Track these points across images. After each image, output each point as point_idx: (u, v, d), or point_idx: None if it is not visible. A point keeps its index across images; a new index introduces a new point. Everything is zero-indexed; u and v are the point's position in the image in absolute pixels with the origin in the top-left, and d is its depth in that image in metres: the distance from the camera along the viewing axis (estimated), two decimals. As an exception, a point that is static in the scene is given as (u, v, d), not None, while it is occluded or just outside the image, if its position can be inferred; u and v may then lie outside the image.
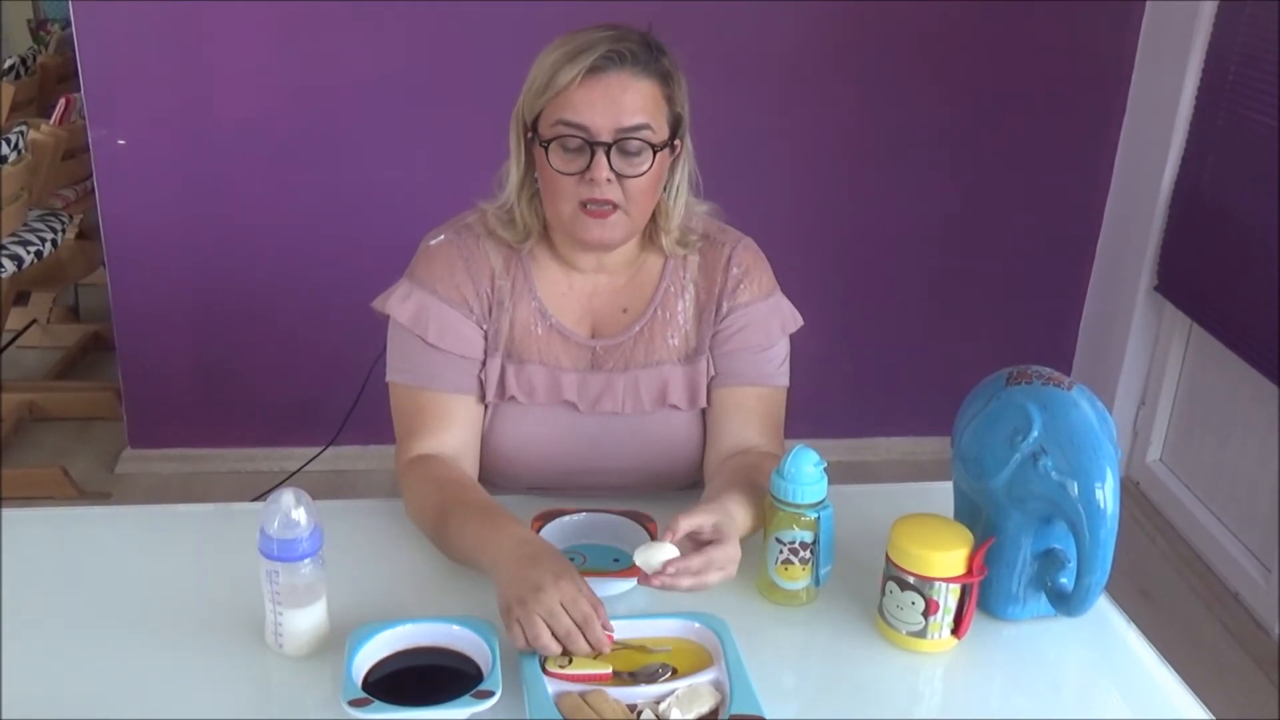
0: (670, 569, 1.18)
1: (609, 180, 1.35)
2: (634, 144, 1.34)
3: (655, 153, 1.36)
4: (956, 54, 3.02)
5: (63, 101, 3.30)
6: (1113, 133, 3.16)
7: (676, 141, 1.41)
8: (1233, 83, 2.75)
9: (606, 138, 1.33)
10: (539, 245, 1.48)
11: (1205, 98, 2.86)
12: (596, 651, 1.14)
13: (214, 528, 1.46)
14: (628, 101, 1.34)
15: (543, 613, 1.12)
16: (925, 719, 1.22)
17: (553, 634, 1.12)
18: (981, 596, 1.25)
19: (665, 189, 1.44)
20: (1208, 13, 2.83)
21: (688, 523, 1.22)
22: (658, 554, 1.19)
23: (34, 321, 3.90)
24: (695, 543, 1.23)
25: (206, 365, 3.11)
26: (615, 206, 1.37)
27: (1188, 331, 3.04)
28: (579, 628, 1.13)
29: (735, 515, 1.28)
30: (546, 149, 1.36)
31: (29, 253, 3.05)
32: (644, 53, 1.35)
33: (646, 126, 1.35)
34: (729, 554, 1.21)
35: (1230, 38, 2.77)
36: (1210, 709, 1.20)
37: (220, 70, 2.83)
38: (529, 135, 1.39)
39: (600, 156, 1.34)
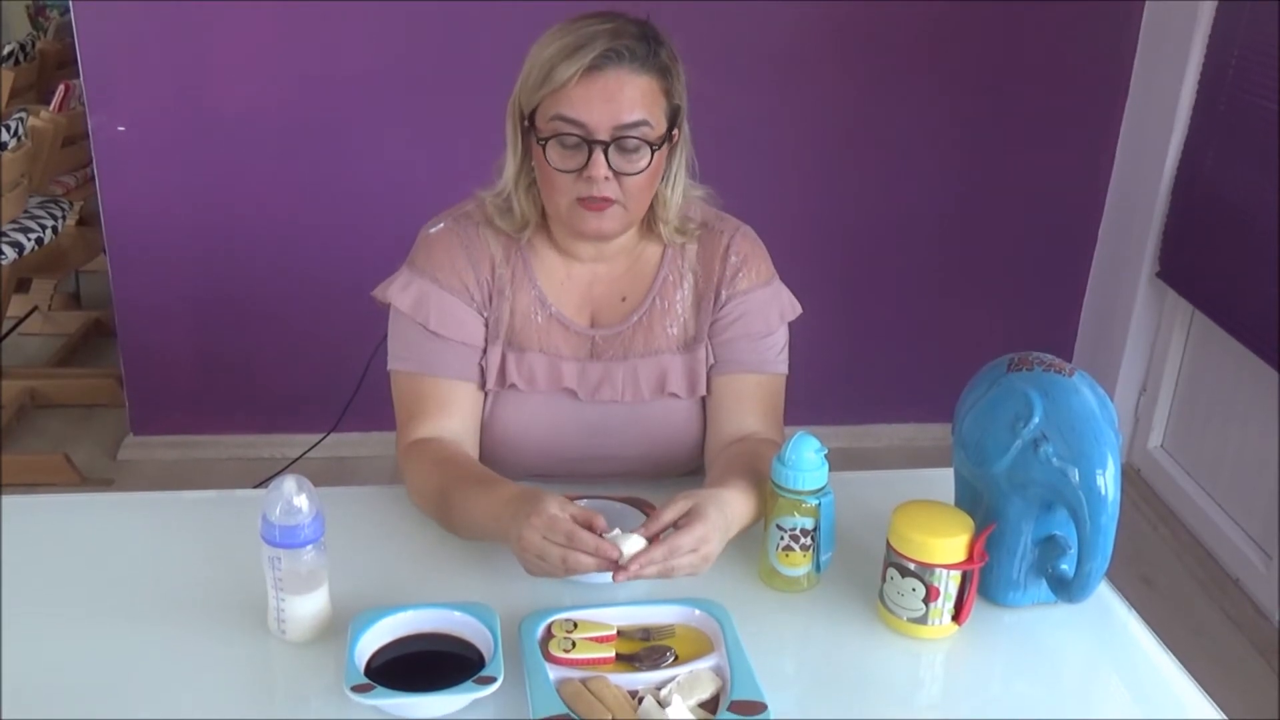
0: (634, 564, 1.16)
1: (607, 178, 1.34)
2: (632, 141, 1.33)
3: (653, 150, 1.35)
4: (958, 48, 3.01)
5: (62, 88, 3.29)
6: (1114, 120, 3.15)
7: (674, 131, 1.41)
8: (1233, 72, 2.74)
9: (604, 136, 1.33)
10: (537, 234, 1.47)
11: (1206, 85, 2.85)
12: (602, 562, 1.15)
13: (216, 514, 1.46)
14: (626, 98, 1.32)
15: (535, 554, 1.16)
16: (926, 705, 1.22)
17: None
18: (982, 583, 1.25)
19: (663, 178, 1.43)
20: (1207, 12, 2.83)
21: (670, 515, 1.22)
22: (625, 547, 1.17)
23: (35, 308, 3.91)
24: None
25: (208, 352, 3.11)
26: (613, 201, 1.36)
27: (1189, 318, 3.04)
28: (571, 548, 1.15)
29: (729, 500, 1.28)
30: (544, 145, 1.35)
31: (30, 239, 3.05)
32: (642, 48, 1.34)
33: (645, 123, 1.34)
34: (696, 534, 1.19)
35: (1230, 37, 2.76)
36: (1210, 695, 1.20)
37: (220, 57, 2.82)
38: (525, 125, 1.39)
39: (598, 154, 1.33)
